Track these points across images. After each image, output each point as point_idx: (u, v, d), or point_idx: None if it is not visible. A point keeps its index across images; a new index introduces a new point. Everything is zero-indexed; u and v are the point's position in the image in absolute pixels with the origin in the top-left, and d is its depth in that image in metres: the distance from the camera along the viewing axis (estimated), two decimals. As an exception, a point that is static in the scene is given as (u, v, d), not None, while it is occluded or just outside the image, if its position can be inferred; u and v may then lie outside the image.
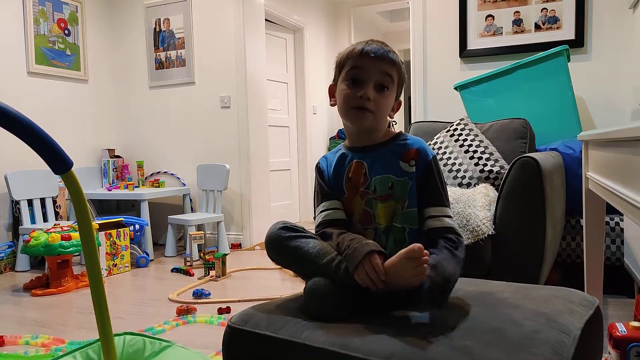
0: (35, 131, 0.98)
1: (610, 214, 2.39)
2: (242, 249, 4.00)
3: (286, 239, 1.06)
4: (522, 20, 3.28)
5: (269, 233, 1.09)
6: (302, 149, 5.31)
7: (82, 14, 4.08)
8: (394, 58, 1.09)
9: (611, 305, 2.28)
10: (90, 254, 1.10)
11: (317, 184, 1.20)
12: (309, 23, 5.30)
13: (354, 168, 1.13)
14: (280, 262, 1.11)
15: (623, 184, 1.10)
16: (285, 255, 1.08)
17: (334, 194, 1.15)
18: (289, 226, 1.08)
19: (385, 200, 1.08)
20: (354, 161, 1.13)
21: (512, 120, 2.51)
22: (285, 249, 1.06)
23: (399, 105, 1.17)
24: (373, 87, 1.08)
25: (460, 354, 0.80)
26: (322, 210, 1.15)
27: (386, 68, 1.08)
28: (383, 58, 1.08)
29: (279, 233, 1.07)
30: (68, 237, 2.83)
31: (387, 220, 1.08)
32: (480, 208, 1.84)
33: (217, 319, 2.25)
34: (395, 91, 1.12)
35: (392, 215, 1.07)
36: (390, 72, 1.09)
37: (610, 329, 1.37)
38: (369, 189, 1.10)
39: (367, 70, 1.08)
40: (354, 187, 1.12)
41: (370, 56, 1.07)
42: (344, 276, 0.98)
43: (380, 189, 1.08)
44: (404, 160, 1.09)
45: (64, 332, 2.17)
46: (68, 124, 3.99)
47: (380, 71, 1.08)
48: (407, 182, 1.08)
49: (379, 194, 1.08)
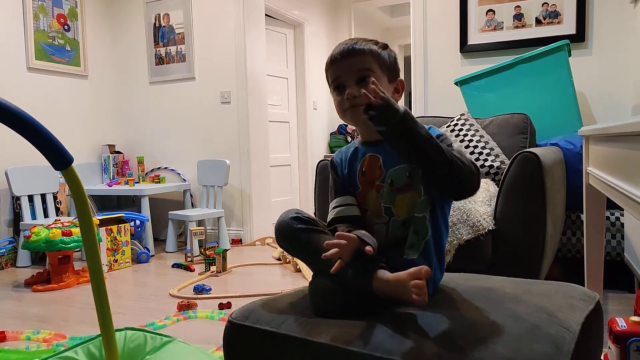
0: (36, 127, 0.98)
1: (611, 209, 2.39)
2: (242, 244, 4.01)
3: (297, 230, 1.05)
4: (523, 15, 3.27)
5: (280, 221, 1.08)
6: (303, 145, 5.31)
7: (81, 9, 4.07)
8: (361, 48, 1.07)
9: (611, 300, 2.29)
10: (91, 250, 1.10)
11: (331, 179, 1.20)
12: (309, 18, 5.28)
13: (368, 162, 1.11)
14: (289, 251, 1.11)
15: (624, 179, 1.10)
16: (295, 247, 1.08)
17: (348, 189, 1.15)
18: (302, 217, 1.06)
19: (405, 191, 1.06)
20: (368, 155, 1.12)
21: (513, 116, 2.51)
22: (296, 240, 1.06)
23: (402, 86, 1.14)
24: (355, 84, 1.07)
25: (461, 349, 0.80)
26: (334, 206, 1.15)
27: (357, 62, 1.07)
28: (350, 54, 1.07)
29: (291, 223, 1.05)
30: (69, 232, 2.83)
31: (407, 212, 1.05)
32: (480, 203, 1.84)
33: (218, 314, 2.25)
34: (384, 77, 1.09)
35: (411, 206, 1.05)
36: (364, 65, 1.07)
37: (611, 324, 1.37)
38: (385, 182, 1.08)
39: (343, 73, 1.08)
40: (369, 181, 1.10)
41: (338, 60, 1.08)
42: (352, 281, 0.98)
43: (398, 180, 1.06)
44: None
45: (65, 327, 2.17)
46: (68, 120, 3.99)
47: (354, 69, 1.07)
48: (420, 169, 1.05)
49: (397, 185, 1.06)
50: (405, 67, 7.47)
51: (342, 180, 1.17)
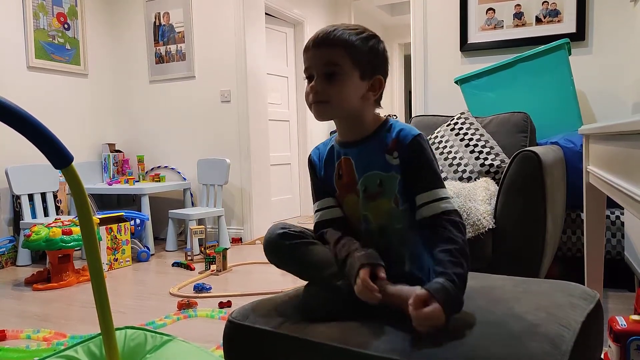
0: (36, 126, 0.98)
1: (611, 208, 2.39)
2: (242, 243, 4.01)
3: (287, 247, 1.01)
4: (523, 14, 3.26)
5: (267, 237, 1.03)
6: (303, 143, 5.31)
7: (81, 7, 4.07)
8: (334, 38, 0.98)
9: (611, 298, 2.29)
10: (91, 249, 1.10)
11: (311, 179, 1.16)
12: (309, 17, 5.28)
13: (344, 165, 1.06)
14: (280, 267, 1.07)
15: (624, 178, 1.10)
16: (286, 263, 1.05)
17: (328, 191, 1.10)
18: (289, 232, 1.02)
19: (375, 198, 1.01)
20: (342, 158, 1.06)
21: (513, 114, 2.51)
22: (286, 257, 1.03)
23: (379, 84, 1.02)
24: (322, 78, 0.98)
25: (460, 348, 0.80)
26: (316, 209, 1.11)
27: (326, 55, 0.98)
28: (321, 44, 0.98)
29: (278, 241, 1.01)
30: (69, 231, 2.83)
31: (380, 220, 1.02)
32: (480, 202, 1.84)
33: (218, 313, 2.25)
34: (354, 73, 0.98)
35: (387, 215, 1.01)
36: (333, 59, 0.97)
37: (611, 323, 1.37)
38: (360, 188, 1.03)
39: (313, 65, 1.00)
40: (345, 185, 1.06)
41: (311, 48, 1.00)
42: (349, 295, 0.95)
43: (370, 187, 1.01)
44: (389, 153, 1.00)
45: (65, 326, 2.17)
46: (68, 119, 3.98)
47: (322, 62, 0.98)
48: (394, 176, 1.00)
49: (369, 192, 1.02)
50: (405, 66, 7.46)
51: (321, 181, 1.12)
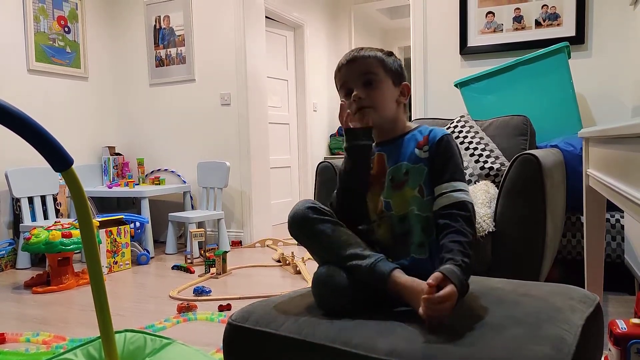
0: (36, 129, 0.98)
1: (611, 211, 2.39)
2: (242, 246, 4.00)
3: (313, 220, 1.06)
4: (523, 17, 3.27)
5: (295, 209, 1.09)
6: (303, 146, 5.31)
7: (82, 11, 4.08)
8: (366, 54, 1.15)
9: (611, 302, 2.28)
10: (91, 252, 1.10)
11: None
12: (309, 20, 5.29)
13: (376, 160, 1.17)
14: (301, 240, 1.11)
15: (624, 181, 1.10)
16: (309, 236, 1.08)
17: None
18: (317, 207, 1.08)
19: (401, 187, 1.11)
20: (376, 154, 1.18)
21: (513, 117, 2.51)
22: (310, 230, 1.07)
23: (408, 90, 1.19)
24: (362, 87, 1.13)
25: (461, 351, 0.80)
26: None
27: (363, 67, 1.13)
28: (355, 60, 1.14)
29: (306, 213, 1.07)
30: (69, 234, 2.83)
31: (404, 209, 1.10)
32: (480, 205, 1.84)
33: (218, 316, 2.25)
34: (388, 80, 1.15)
35: (409, 203, 1.09)
36: (369, 69, 1.13)
37: (611, 326, 1.37)
38: (386, 178, 1.14)
39: (350, 79, 1.15)
40: (374, 177, 1.16)
41: (344, 65, 1.16)
42: (367, 275, 0.99)
43: (397, 176, 1.12)
44: (419, 147, 1.13)
45: (64, 329, 2.17)
46: (68, 122, 3.99)
47: (359, 73, 1.13)
48: (422, 168, 1.10)
49: (396, 181, 1.12)
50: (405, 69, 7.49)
51: None
